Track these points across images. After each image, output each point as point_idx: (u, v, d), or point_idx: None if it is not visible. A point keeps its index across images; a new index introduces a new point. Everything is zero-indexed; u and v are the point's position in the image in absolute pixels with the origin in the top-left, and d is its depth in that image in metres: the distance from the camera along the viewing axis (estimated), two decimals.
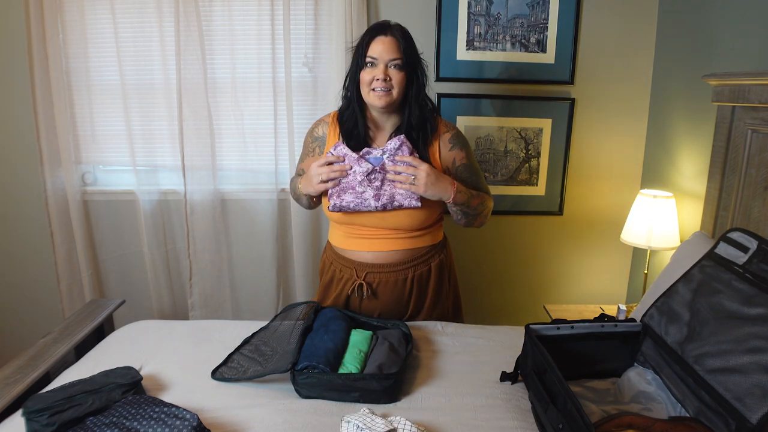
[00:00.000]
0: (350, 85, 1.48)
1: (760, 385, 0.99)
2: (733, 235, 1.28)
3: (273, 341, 1.52)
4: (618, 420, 1.02)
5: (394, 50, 1.39)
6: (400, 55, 1.39)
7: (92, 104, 2.26)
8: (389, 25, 1.43)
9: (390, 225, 1.53)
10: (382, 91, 1.41)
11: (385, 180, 1.45)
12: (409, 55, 1.41)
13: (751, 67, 1.68)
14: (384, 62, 1.40)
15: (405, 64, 1.41)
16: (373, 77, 1.40)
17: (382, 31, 1.41)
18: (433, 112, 1.52)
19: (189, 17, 2.13)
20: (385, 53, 1.39)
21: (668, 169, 2.19)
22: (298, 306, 1.66)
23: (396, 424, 1.12)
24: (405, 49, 1.40)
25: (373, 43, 1.40)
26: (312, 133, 1.62)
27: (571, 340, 1.36)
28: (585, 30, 2.30)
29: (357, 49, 1.44)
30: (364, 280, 1.58)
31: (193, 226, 2.33)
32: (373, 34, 1.41)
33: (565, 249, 2.54)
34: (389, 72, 1.40)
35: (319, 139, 1.59)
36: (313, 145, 1.60)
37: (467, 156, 1.57)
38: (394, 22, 1.46)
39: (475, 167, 1.60)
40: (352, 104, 1.50)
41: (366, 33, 1.43)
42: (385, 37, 1.40)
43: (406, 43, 1.41)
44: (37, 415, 1.09)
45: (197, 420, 1.07)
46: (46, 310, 2.46)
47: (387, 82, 1.40)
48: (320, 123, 1.61)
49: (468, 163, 1.57)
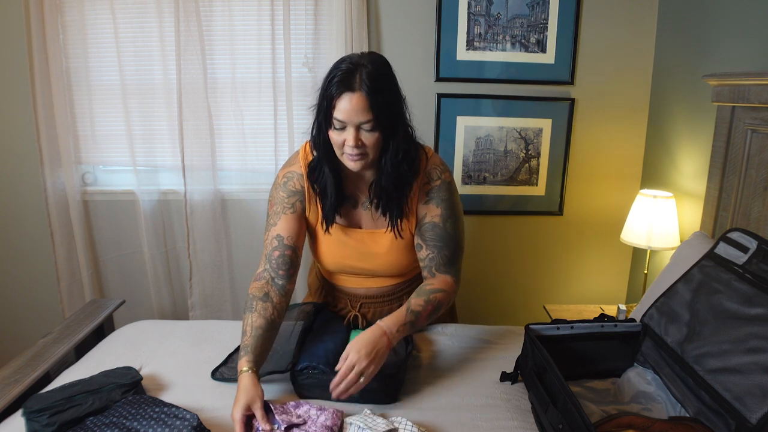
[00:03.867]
0: (318, 138, 1.25)
1: (760, 385, 0.99)
2: (732, 235, 1.28)
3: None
4: (618, 420, 1.02)
5: (364, 111, 1.15)
6: (371, 116, 1.16)
7: (92, 104, 2.26)
8: (357, 70, 1.16)
9: (378, 275, 1.46)
10: (355, 157, 1.21)
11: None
12: (382, 113, 1.17)
13: (751, 67, 1.68)
14: (354, 125, 1.17)
15: (377, 125, 1.18)
16: (344, 141, 1.19)
17: (348, 86, 1.14)
18: (414, 160, 1.30)
19: (189, 17, 2.13)
20: (353, 115, 1.15)
21: (668, 169, 2.19)
22: (298, 306, 1.66)
23: (397, 424, 1.12)
24: (378, 106, 1.15)
25: (339, 102, 1.15)
26: (285, 188, 1.36)
27: (571, 340, 1.36)
28: (585, 30, 2.30)
29: (321, 103, 1.20)
30: (358, 312, 1.52)
31: (193, 226, 2.33)
32: (339, 89, 1.15)
33: (565, 249, 2.54)
34: (361, 135, 1.18)
35: (298, 193, 1.37)
36: (292, 200, 1.36)
37: (443, 216, 1.34)
38: (365, 61, 1.18)
39: (448, 233, 1.35)
40: (322, 164, 1.29)
41: (330, 85, 1.17)
42: (352, 95, 1.14)
43: (378, 97, 1.15)
44: (37, 415, 1.08)
45: (197, 420, 1.07)
46: (46, 310, 2.46)
47: (360, 147, 1.19)
48: (291, 175, 1.37)
49: (439, 224, 1.34)
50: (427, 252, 1.37)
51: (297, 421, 1.12)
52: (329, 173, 1.29)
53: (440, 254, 1.37)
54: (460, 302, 2.03)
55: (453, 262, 1.39)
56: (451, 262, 1.39)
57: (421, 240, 1.37)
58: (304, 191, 1.37)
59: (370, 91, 1.14)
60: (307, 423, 1.13)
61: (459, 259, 1.41)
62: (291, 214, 1.36)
